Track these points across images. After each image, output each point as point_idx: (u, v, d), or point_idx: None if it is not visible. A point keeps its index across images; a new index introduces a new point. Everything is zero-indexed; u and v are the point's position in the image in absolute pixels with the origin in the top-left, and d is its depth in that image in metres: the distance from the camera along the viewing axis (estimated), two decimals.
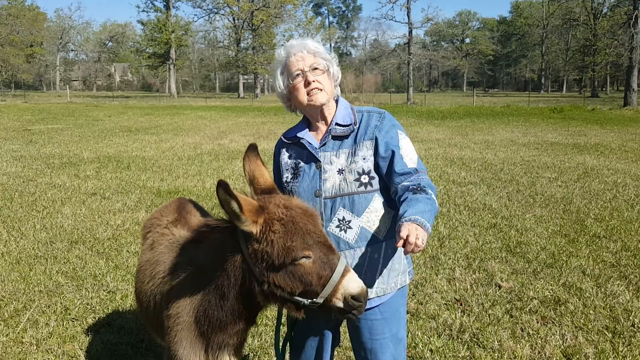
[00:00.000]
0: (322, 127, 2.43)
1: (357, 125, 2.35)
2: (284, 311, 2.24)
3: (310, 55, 2.33)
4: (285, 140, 2.48)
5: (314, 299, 1.93)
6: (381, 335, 2.40)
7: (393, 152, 2.29)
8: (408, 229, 1.95)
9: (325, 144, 2.35)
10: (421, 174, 2.31)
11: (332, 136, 2.36)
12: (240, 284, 2.00)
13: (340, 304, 1.94)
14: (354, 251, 2.31)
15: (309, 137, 2.40)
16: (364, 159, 2.30)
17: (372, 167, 2.30)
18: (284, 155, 2.48)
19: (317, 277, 1.91)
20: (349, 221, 2.29)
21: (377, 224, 2.33)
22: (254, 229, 1.92)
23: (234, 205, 1.88)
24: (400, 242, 1.94)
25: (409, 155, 2.31)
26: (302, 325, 2.52)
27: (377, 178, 2.32)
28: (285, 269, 1.91)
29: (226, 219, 2.07)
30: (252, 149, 2.23)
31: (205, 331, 2.13)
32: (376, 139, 2.31)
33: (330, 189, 2.29)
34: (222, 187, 1.85)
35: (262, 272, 1.93)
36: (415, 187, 2.20)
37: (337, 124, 2.36)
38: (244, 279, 1.98)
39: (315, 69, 2.32)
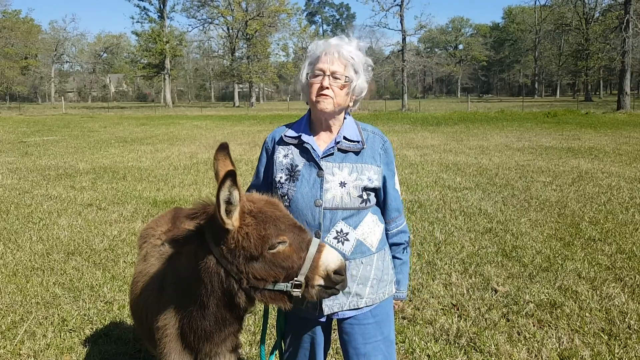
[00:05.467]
0: (325, 135, 2.40)
1: (364, 146, 2.36)
2: (271, 319, 2.24)
3: (339, 63, 2.29)
4: (285, 139, 2.43)
5: (296, 278, 1.95)
6: (374, 339, 2.42)
7: (392, 190, 2.44)
8: (396, 308, 2.61)
9: (331, 154, 2.33)
10: (401, 217, 2.51)
11: (338, 148, 2.34)
12: (220, 289, 1.99)
13: (322, 282, 1.97)
14: (349, 263, 2.31)
15: (313, 143, 2.36)
16: (369, 179, 2.31)
17: (374, 188, 2.35)
18: (279, 154, 2.42)
19: (297, 258, 1.95)
20: (347, 233, 2.31)
21: (370, 236, 2.37)
22: (237, 224, 1.92)
23: (236, 196, 1.87)
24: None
25: (398, 192, 2.48)
26: (292, 331, 2.52)
27: (373, 194, 2.38)
28: (264, 258, 1.92)
29: (191, 229, 2.05)
30: (222, 148, 2.17)
31: (191, 342, 2.13)
32: (383, 173, 2.39)
33: (331, 200, 2.28)
34: (232, 178, 1.83)
35: (241, 268, 1.93)
36: (402, 243, 2.51)
37: (345, 137, 2.35)
38: (220, 282, 1.97)
39: (337, 78, 2.28)
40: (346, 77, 2.29)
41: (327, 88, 2.27)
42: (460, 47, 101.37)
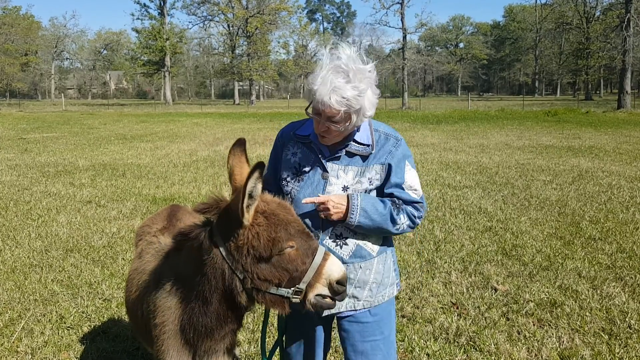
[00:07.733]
0: None
1: (373, 150, 2.26)
2: (271, 316, 2.22)
3: (334, 110, 2.07)
4: (294, 137, 2.38)
5: (297, 285, 1.95)
6: (373, 337, 2.39)
7: (397, 185, 2.27)
8: (335, 200, 2.16)
9: (338, 157, 2.27)
10: (420, 205, 2.30)
11: (346, 151, 2.28)
12: (222, 286, 1.98)
13: (324, 291, 1.98)
14: (347, 267, 2.27)
15: (321, 144, 2.30)
16: (369, 181, 2.25)
17: (375, 190, 2.28)
18: (288, 151, 2.38)
19: (301, 263, 1.95)
20: (346, 237, 2.27)
21: (371, 241, 2.32)
22: (251, 220, 1.92)
23: (259, 190, 1.87)
24: (313, 200, 2.18)
25: (413, 187, 2.29)
26: (292, 331, 2.51)
27: (375, 194, 2.31)
28: (271, 260, 1.93)
29: (199, 224, 2.05)
30: (240, 144, 2.14)
31: (191, 339, 2.12)
32: (388, 167, 2.26)
33: None
34: (260, 170, 1.82)
35: (247, 267, 1.93)
36: (395, 201, 2.26)
37: (354, 140, 2.27)
38: (224, 279, 1.97)
39: (334, 122, 2.11)
40: (345, 117, 2.11)
41: (326, 130, 2.16)
42: (461, 45, 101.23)
